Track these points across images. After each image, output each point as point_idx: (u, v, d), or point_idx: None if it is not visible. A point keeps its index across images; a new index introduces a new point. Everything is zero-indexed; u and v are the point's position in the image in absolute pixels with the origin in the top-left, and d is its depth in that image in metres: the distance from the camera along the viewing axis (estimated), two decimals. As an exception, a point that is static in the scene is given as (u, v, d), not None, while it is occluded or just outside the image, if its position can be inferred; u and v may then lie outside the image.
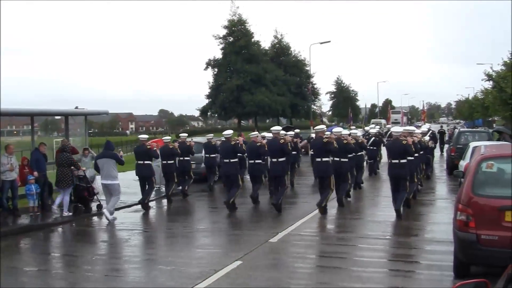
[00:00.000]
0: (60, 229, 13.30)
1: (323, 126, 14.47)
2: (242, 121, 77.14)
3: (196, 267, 8.92)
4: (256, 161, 14.92)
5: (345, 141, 14.44)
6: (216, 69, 63.52)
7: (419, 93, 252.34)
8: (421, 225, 12.43)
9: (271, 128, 15.48)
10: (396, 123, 66.10)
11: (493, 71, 37.49)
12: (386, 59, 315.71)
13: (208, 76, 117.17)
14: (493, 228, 7.14)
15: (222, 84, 60.85)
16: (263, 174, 16.18)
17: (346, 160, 14.69)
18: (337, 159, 14.28)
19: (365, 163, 20.49)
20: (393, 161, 13.07)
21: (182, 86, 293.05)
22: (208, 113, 68.21)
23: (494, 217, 7.16)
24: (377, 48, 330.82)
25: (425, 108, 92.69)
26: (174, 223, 13.78)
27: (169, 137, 18.85)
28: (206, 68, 63.69)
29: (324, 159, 13.47)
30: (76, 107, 17.99)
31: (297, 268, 8.78)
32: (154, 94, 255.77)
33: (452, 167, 20.43)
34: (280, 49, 71.60)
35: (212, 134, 20.44)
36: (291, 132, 19.67)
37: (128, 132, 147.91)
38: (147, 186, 15.93)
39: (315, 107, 74.39)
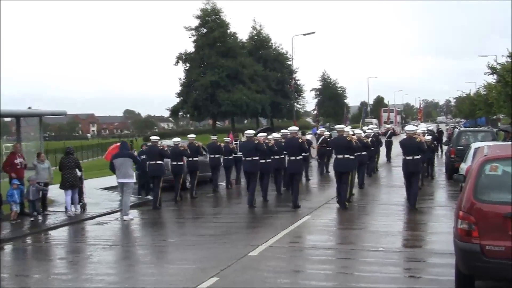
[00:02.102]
0: (10, 246, 13.07)
1: (342, 126, 17.39)
2: (217, 122, 77.15)
3: (166, 285, 8.82)
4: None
5: (348, 138, 16.12)
6: (187, 64, 63.47)
7: (414, 89, 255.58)
8: (419, 235, 12.50)
9: (289, 128, 17.56)
10: (388, 122, 66.59)
11: (497, 63, 36.28)
12: (377, 52, 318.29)
13: (179, 72, 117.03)
14: (498, 237, 7.15)
15: (195, 81, 60.75)
16: (259, 171, 17.57)
17: (353, 157, 16.41)
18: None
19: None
20: (407, 157, 15.68)
21: (150, 84, 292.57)
22: (179, 114, 68.19)
23: (500, 225, 7.17)
24: (367, 40, 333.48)
25: (422, 106, 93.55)
26: (144, 236, 13.73)
27: (179, 139, 20.17)
28: (177, 63, 63.68)
29: (346, 156, 15.91)
30: (29, 108, 17.80)
31: (279, 285, 8.75)
32: (118, 92, 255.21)
33: (452, 171, 20.57)
34: (259, 42, 71.82)
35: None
36: (276, 134, 20.27)
37: (89, 135, 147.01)
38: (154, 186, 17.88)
39: (298, 105, 74.72)
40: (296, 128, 17.64)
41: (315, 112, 66.06)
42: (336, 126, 17.36)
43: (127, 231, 14.87)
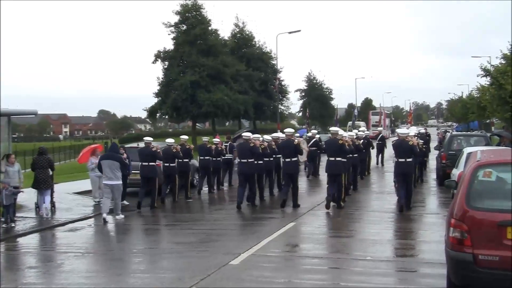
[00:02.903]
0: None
1: (337, 128, 18.43)
2: (197, 124, 76.91)
3: (143, 297, 8.78)
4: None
5: (341, 142, 17.01)
6: (166, 63, 63.11)
7: (404, 91, 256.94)
8: (408, 244, 12.54)
9: (285, 130, 18.66)
10: (377, 125, 66.90)
11: (491, 65, 36.77)
12: (365, 52, 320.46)
13: (157, 70, 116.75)
14: (492, 246, 7.18)
15: (174, 80, 60.40)
16: (255, 173, 18.43)
17: (345, 160, 17.36)
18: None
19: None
20: (400, 160, 16.62)
21: (127, 83, 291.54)
22: (157, 114, 67.65)
23: (493, 234, 7.21)
24: (355, 40, 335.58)
25: (412, 108, 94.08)
26: (118, 244, 13.67)
27: (172, 140, 20.76)
28: (155, 61, 63.25)
29: (337, 159, 16.88)
30: (-4, 106, 17.59)
31: (263, 296, 8.73)
32: (92, 91, 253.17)
33: (443, 177, 20.70)
34: (242, 40, 71.75)
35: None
36: (267, 137, 20.66)
37: (61, 136, 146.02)
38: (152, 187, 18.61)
39: (282, 107, 74.73)
40: (292, 130, 18.69)
41: (307, 114, 66.30)
42: (331, 129, 18.62)
43: (100, 238, 14.78)
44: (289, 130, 18.50)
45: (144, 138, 19.74)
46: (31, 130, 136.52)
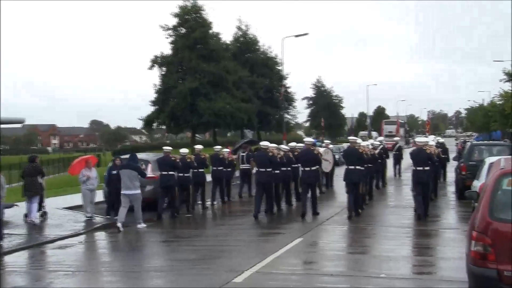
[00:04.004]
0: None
1: (355, 138, 20.95)
2: (196, 135, 76.95)
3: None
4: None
5: (360, 150, 18.46)
6: (164, 69, 63.34)
7: (419, 99, 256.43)
8: (425, 260, 12.50)
9: (304, 139, 21.35)
10: (391, 135, 66.96)
11: None
12: (377, 58, 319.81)
13: (154, 77, 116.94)
14: (518, 261, 7.14)
15: (172, 88, 60.51)
16: (273, 182, 19.55)
17: (362, 169, 18.58)
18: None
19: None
20: (418, 168, 17.61)
21: (121, 90, 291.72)
22: (154, 124, 67.68)
23: (520, 248, 7.17)
24: (366, 44, 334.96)
25: (430, 117, 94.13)
26: (112, 261, 13.66)
27: (186, 150, 21.92)
28: (152, 67, 63.49)
29: (357, 167, 18.07)
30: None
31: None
32: (83, 100, 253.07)
33: (462, 190, 20.60)
34: (245, 44, 71.99)
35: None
36: (284, 146, 22.25)
37: (50, 149, 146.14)
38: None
39: (289, 116, 74.78)
40: (312, 139, 21.51)
41: (321, 123, 66.76)
42: (349, 138, 21.53)
43: (92, 256, 14.77)
44: (308, 139, 20.78)
45: (164, 148, 20.94)
46: (17, 142, 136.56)
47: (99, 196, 21.18)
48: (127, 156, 20.00)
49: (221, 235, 16.60)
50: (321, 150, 21.81)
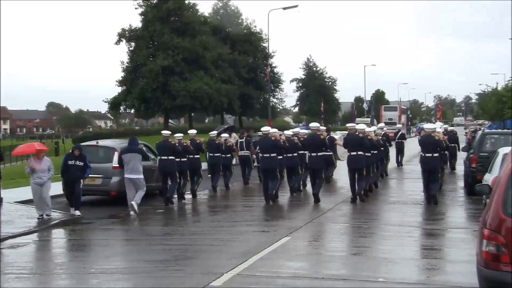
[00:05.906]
0: None
1: (353, 124, 24.29)
2: (170, 120, 76.79)
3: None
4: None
5: (361, 135, 20.68)
6: (132, 44, 63.02)
7: (422, 82, 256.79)
8: (429, 263, 12.51)
9: (310, 125, 23.08)
10: (391, 123, 67.20)
11: None
12: (376, 35, 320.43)
13: (122, 53, 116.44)
14: (536, 263, 7.15)
15: (142, 65, 60.28)
16: (277, 168, 21.08)
17: (369, 155, 21.25)
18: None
19: None
20: (427, 154, 19.74)
21: (82, 69, 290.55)
22: (121, 108, 67.28)
23: (538, 248, 7.18)
24: (363, 19, 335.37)
25: (439, 102, 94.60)
26: (70, 262, 13.64)
27: (181, 135, 23.63)
28: (119, 41, 63.08)
29: (359, 153, 20.33)
30: None
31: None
32: (39, 81, 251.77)
33: (472, 184, 20.64)
34: (226, 17, 72.00)
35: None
36: (288, 132, 23.49)
37: (0, 135, 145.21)
38: (169, 182, 21.69)
39: (275, 100, 74.79)
40: (317, 124, 23.02)
41: (321, 108, 67.26)
42: (348, 125, 23.88)
43: (48, 256, 14.74)
44: (314, 124, 22.65)
45: (163, 132, 23.15)
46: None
47: (58, 188, 20.91)
48: (90, 143, 21.42)
49: (198, 233, 16.57)
50: (337, 137, 26.04)
